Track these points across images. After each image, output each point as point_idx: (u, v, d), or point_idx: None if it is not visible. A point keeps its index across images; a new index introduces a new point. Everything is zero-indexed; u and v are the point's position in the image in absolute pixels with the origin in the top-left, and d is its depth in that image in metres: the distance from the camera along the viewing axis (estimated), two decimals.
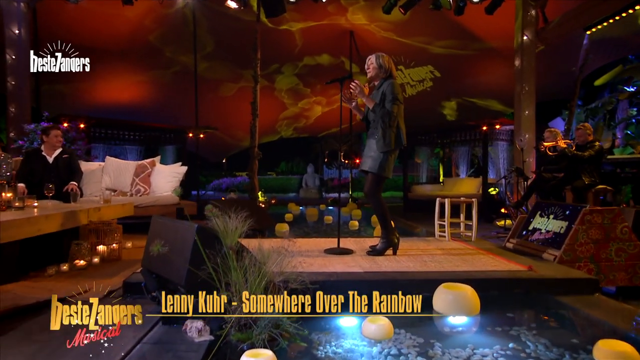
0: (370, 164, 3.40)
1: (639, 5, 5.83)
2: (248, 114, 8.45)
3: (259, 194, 8.85)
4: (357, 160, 20.47)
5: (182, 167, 5.39)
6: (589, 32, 6.85)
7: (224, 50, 10.39)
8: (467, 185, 9.67)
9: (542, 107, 7.76)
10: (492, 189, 8.34)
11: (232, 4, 7.89)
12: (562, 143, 5.21)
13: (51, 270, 3.15)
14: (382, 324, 2.06)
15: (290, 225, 5.80)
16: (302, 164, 24.31)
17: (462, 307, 2.31)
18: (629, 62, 8.95)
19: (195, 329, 2.03)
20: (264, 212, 5.20)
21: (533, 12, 7.16)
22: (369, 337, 2.07)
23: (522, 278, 2.70)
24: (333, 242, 4.06)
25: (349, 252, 3.59)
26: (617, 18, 5.94)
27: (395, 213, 8.03)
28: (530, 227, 3.76)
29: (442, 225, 4.43)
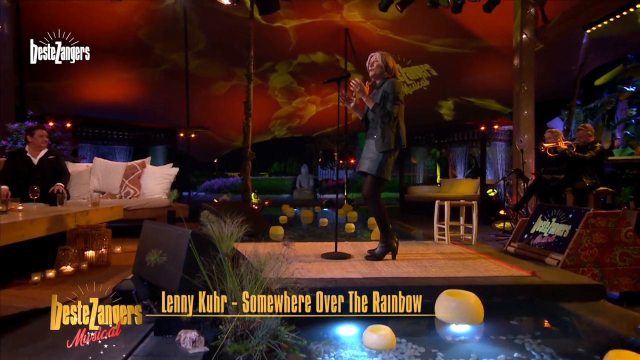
0: (369, 165, 3.36)
1: (639, 4, 5.87)
2: (240, 113, 8.39)
3: (252, 195, 8.79)
4: (352, 161, 20.53)
5: (173, 169, 5.33)
6: (588, 30, 6.89)
7: (215, 48, 10.33)
8: (464, 186, 9.69)
9: (540, 107, 7.78)
10: (491, 190, 8.35)
11: (224, 1, 7.83)
12: (562, 144, 5.22)
13: (36, 278, 3.07)
14: (384, 334, 2.02)
15: (284, 228, 5.76)
16: (296, 164, 24.28)
17: (465, 315, 2.28)
18: (628, 61, 9.02)
19: (189, 340, 1.98)
20: (259, 215, 5.16)
21: (532, 10, 7.18)
22: (370, 347, 2.03)
23: (526, 284, 2.68)
24: (330, 246, 4.03)
25: (347, 256, 3.55)
26: (617, 17, 5.97)
27: (392, 215, 7.99)
28: (532, 231, 3.75)
29: (441, 229, 4.41)
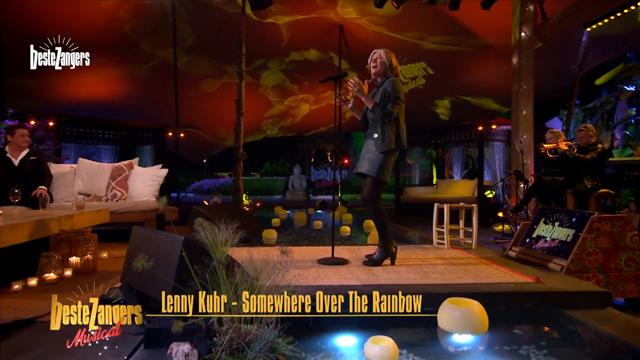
0: (368, 166, 3.32)
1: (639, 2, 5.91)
2: (231, 111, 8.32)
3: (244, 196, 8.72)
4: (346, 161, 20.51)
5: (162, 170, 5.25)
6: (589, 29, 6.92)
7: (205, 44, 10.23)
8: (461, 187, 9.71)
9: (538, 106, 7.80)
10: (489, 191, 8.37)
11: None
12: (563, 145, 5.23)
13: (17, 286, 2.99)
14: (386, 345, 1.98)
15: (277, 231, 5.71)
16: (288, 164, 24.24)
17: (469, 324, 2.25)
18: (628, 60, 9.10)
19: (182, 353, 1.92)
20: (252, 219, 5.11)
21: (531, 8, 7.19)
22: None
23: (530, 291, 2.66)
24: (326, 251, 3.99)
25: (344, 262, 3.51)
26: (618, 15, 6.01)
27: (388, 217, 7.99)
28: (534, 235, 3.74)
29: (440, 232, 4.39)
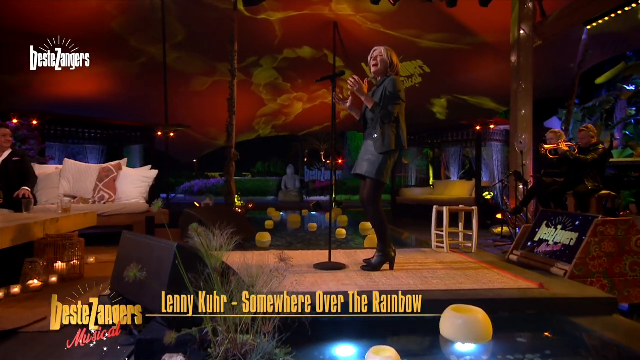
0: (367, 167, 3.30)
1: None
2: (223, 110, 8.26)
3: (236, 198, 8.67)
4: (340, 161, 20.50)
5: (152, 171, 5.18)
6: (589, 27, 6.95)
7: (196, 41, 10.15)
8: (458, 188, 9.72)
9: (536, 105, 7.80)
10: (487, 193, 8.39)
11: None
12: (563, 145, 5.24)
13: None
14: (388, 356, 1.95)
15: (271, 234, 5.67)
16: (280, 164, 24.18)
17: (473, 332, 2.23)
18: (628, 59, 9.16)
19: None
20: (246, 221, 5.07)
21: (530, 5, 7.20)
22: None
23: (534, 297, 2.65)
24: (322, 255, 3.95)
25: (342, 266, 3.49)
26: (619, 12, 6.03)
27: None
28: (536, 238, 3.74)
29: (439, 235, 4.37)
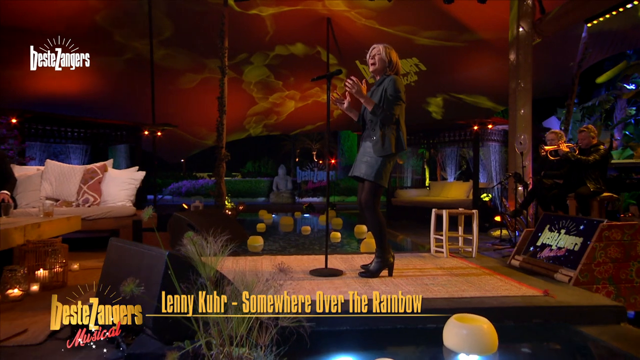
0: (365, 170, 3.27)
1: None
2: (212, 108, 8.19)
3: (226, 199, 8.60)
4: (333, 161, 20.49)
5: (139, 173, 5.09)
6: (589, 24, 6.99)
7: (184, 36, 10.05)
8: (455, 190, 9.73)
9: (535, 105, 7.84)
10: (485, 194, 8.40)
11: None
12: (564, 146, 5.25)
13: None
14: None
15: (263, 237, 5.62)
16: (271, 163, 24.09)
17: (478, 343, 2.19)
18: (628, 57, 9.23)
19: None
20: (239, 225, 5.02)
21: (530, 2, 7.22)
22: None
23: (539, 305, 2.62)
24: (318, 260, 3.93)
25: (339, 273, 3.44)
26: (620, 10, 6.07)
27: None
28: (538, 243, 3.73)
29: (438, 240, 4.36)
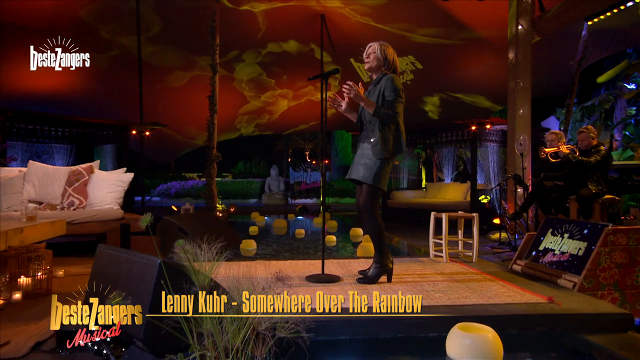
0: (363, 172, 3.24)
1: None
2: (202, 107, 8.13)
3: (217, 201, 8.54)
4: (326, 161, 20.45)
5: (127, 175, 5.02)
6: (590, 22, 7.02)
7: (173, 33, 9.98)
8: (452, 191, 9.74)
9: (533, 104, 7.86)
10: (483, 196, 8.40)
11: None
12: (564, 148, 5.27)
13: None
14: None
15: (256, 241, 5.57)
16: (263, 164, 24.00)
17: (483, 354, 2.16)
18: (628, 56, 9.29)
19: None
20: (231, 229, 4.97)
21: None
22: None
23: (545, 313, 2.60)
24: (314, 266, 3.89)
25: (336, 279, 3.41)
26: (622, 8, 6.10)
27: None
28: (540, 247, 3.72)
29: (437, 244, 4.33)
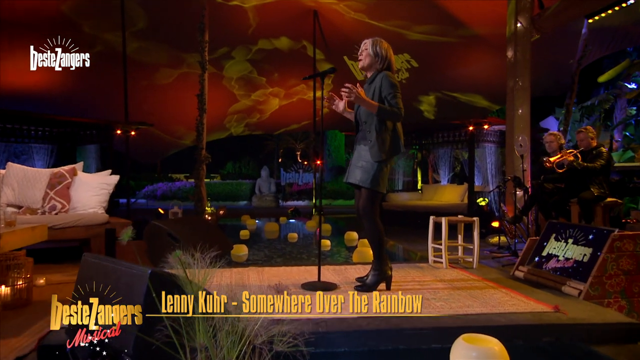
0: (360, 176, 3.20)
1: None
2: (190, 106, 8.07)
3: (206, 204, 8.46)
4: (319, 162, 20.40)
5: (112, 177, 4.92)
6: (590, 20, 7.05)
7: (159, 28, 9.90)
8: (449, 193, 9.74)
9: (531, 104, 7.89)
10: (481, 199, 8.40)
11: None
12: (569, 156, 5.21)
13: None
14: None
15: (247, 245, 5.52)
16: (253, 164, 23.90)
17: None
18: (628, 55, 9.36)
19: None
20: (221, 234, 4.91)
21: None
22: None
23: (551, 323, 2.58)
24: (309, 272, 3.85)
25: (333, 287, 3.37)
26: (623, 5, 6.12)
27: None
28: (544, 253, 3.70)
29: (436, 249, 4.31)
